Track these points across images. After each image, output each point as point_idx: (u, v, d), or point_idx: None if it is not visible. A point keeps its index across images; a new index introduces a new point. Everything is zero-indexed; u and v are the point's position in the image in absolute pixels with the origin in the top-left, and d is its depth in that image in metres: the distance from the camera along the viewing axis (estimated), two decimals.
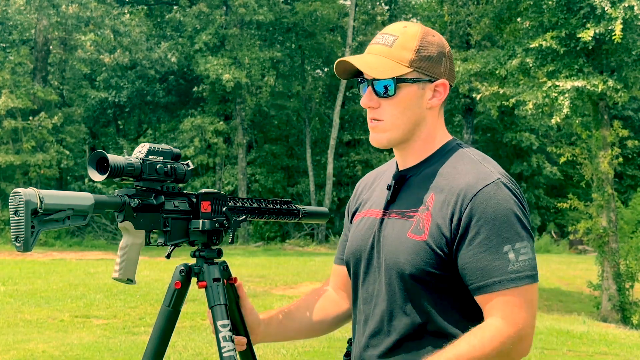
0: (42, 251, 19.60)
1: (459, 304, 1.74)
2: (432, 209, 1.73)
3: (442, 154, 1.82)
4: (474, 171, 1.74)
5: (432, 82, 1.79)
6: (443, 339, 1.71)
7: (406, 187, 1.83)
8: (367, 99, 1.81)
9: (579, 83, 13.86)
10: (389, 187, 1.85)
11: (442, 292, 1.73)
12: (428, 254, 1.71)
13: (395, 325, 1.77)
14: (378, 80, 1.78)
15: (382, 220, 1.83)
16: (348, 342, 1.99)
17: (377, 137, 1.83)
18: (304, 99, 29.56)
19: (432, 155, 1.82)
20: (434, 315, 1.73)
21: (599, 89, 13.86)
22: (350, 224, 2.02)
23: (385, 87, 1.78)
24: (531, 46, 14.11)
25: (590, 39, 13.50)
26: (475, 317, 1.72)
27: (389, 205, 1.84)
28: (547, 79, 14.18)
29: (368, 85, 1.80)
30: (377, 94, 1.79)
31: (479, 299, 1.69)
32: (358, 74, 1.85)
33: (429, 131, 1.82)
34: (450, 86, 1.83)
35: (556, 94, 13.93)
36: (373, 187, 1.98)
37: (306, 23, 28.44)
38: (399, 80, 1.77)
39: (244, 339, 2.06)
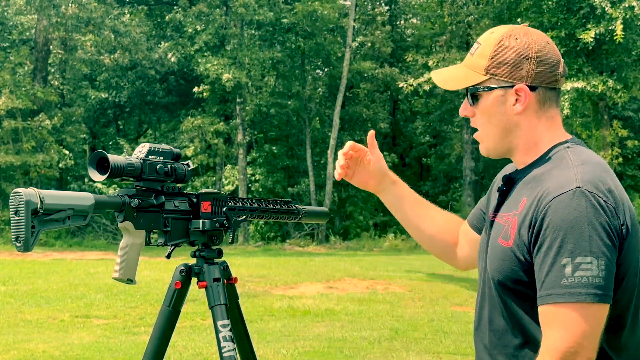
0: (42, 251, 19.59)
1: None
2: (519, 215, 1.71)
3: (545, 158, 1.77)
4: (560, 177, 1.67)
5: (512, 87, 1.74)
6: (529, 347, 1.70)
7: (512, 190, 1.81)
8: (462, 107, 1.84)
9: (579, 84, 13.87)
10: (498, 190, 1.85)
11: (528, 299, 1.69)
12: (514, 260, 1.68)
13: (495, 330, 1.77)
14: (468, 90, 1.80)
15: (492, 222, 1.84)
16: None
17: (480, 147, 1.86)
18: (304, 99, 29.56)
19: (537, 160, 1.78)
20: (526, 323, 1.70)
21: (599, 89, 13.86)
22: (483, 214, 2.02)
23: (471, 97, 1.80)
24: None
25: (591, 40, 13.50)
26: None
27: (498, 207, 1.83)
28: None
29: (465, 96, 1.83)
30: (470, 103, 1.82)
31: (538, 309, 1.66)
32: None
33: (527, 137, 1.78)
34: (551, 88, 1.76)
35: None
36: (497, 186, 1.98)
37: (306, 23, 28.43)
38: (474, 90, 1.78)
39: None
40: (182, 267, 2.23)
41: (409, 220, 2.13)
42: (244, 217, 2.31)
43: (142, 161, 2.07)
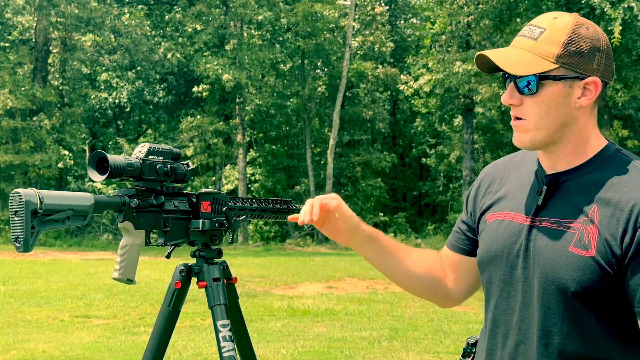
0: (42, 251, 19.59)
1: (619, 325, 1.64)
2: (597, 223, 1.60)
3: (602, 160, 1.67)
4: None
5: (582, 79, 1.63)
6: (599, 358, 1.64)
7: (559, 193, 1.68)
8: (508, 95, 1.68)
9: None
10: (539, 192, 1.70)
11: (602, 311, 1.62)
12: (595, 271, 1.59)
13: (550, 343, 1.66)
14: (521, 77, 1.65)
15: (530, 227, 1.69)
16: (470, 344, 1.92)
17: (519, 137, 1.69)
18: (304, 99, 29.56)
19: (590, 161, 1.67)
20: (593, 336, 1.63)
21: None
22: (476, 222, 1.88)
23: (528, 83, 1.64)
24: None
25: None
26: (635, 340, 1.64)
27: (538, 211, 1.69)
28: None
29: (511, 81, 1.68)
30: (519, 90, 1.66)
31: None
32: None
33: (580, 133, 1.67)
34: (606, 84, 1.69)
35: None
36: (507, 182, 1.83)
37: (306, 23, 28.43)
38: (542, 77, 1.63)
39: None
40: (182, 267, 2.23)
41: (392, 271, 1.96)
42: (244, 217, 2.31)
43: (141, 161, 2.07)
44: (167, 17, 29.29)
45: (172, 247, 2.19)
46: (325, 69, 31.52)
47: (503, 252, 1.74)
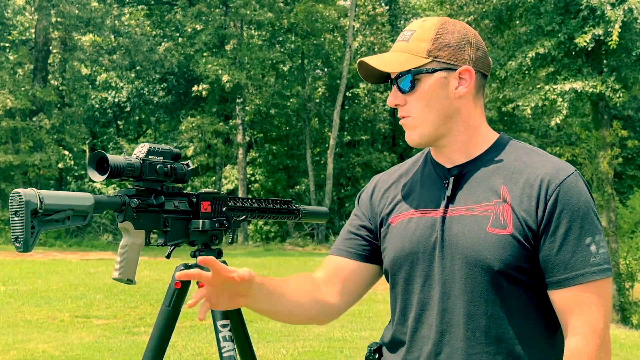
0: (42, 251, 19.59)
1: (541, 301, 1.68)
2: (510, 201, 1.66)
3: (500, 148, 1.75)
4: (550, 162, 1.69)
5: (455, 69, 1.71)
6: (526, 339, 1.66)
7: (465, 182, 1.73)
8: (392, 97, 1.76)
9: (577, 85, 13.87)
10: (445, 185, 1.74)
11: (527, 288, 1.67)
12: (515, 247, 1.63)
13: (477, 327, 1.67)
14: (400, 77, 1.73)
15: (443, 218, 1.72)
16: (372, 351, 1.87)
17: (409, 135, 1.76)
18: (304, 99, 29.56)
19: (488, 150, 1.75)
20: (519, 316, 1.67)
21: (597, 90, 13.87)
22: (378, 226, 1.86)
23: (409, 82, 1.72)
24: (529, 55, 14.12)
25: (586, 43, 13.51)
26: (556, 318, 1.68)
27: (448, 203, 1.73)
28: (543, 84, 14.20)
29: (393, 84, 1.76)
30: (400, 90, 1.74)
31: (555, 294, 1.64)
32: (387, 77, 1.79)
33: (467, 123, 1.74)
34: (484, 75, 1.77)
35: (555, 96, 13.95)
36: (403, 186, 1.85)
37: (306, 23, 28.44)
38: (417, 72, 1.71)
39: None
40: (182, 267, 2.23)
41: (281, 311, 1.81)
42: (244, 217, 2.31)
43: (141, 161, 2.07)
44: (167, 17, 29.28)
45: (172, 247, 2.19)
46: (325, 69, 31.52)
47: (419, 248, 1.75)
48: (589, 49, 14.14)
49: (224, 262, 2.28)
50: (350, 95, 31.05)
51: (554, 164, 1.69)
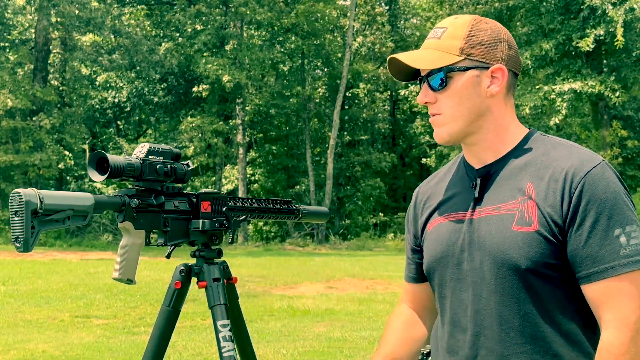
0: (42, 251, 19.59)
1: (576, 296, 1.65)
2: (535, 197, 1.64)
3: (529, 143, 1.73)
4: (576, 154, 1.66)
5: (488, 68, 1.70)
6: (562, 336, 1.64)
7: (492, 183, 1.72)
8: (422, 94, 1.75)
9: (577, 85, 13.88)
10: (473, 186, 1.74)
11: (560, 285, 1.64)
12: (542, 243, 1.62)
13: (511, 328, 1.66)
14: (431, 75, 1.72)
15: (471, 220, 1.72)
16: (424, 355, 1.92)
17: (438, 132, 1.75)
18: (304, 99, 29.55)
19: (515, 147, 1.73)
20: (552, 310, 1.64)
21: (597, 90, 13.88)
22: (420, 237, 1.89)
23: (440, 80, 1.71)
24: (529, 56, 14.13)
25: (589, 48, 13.53)
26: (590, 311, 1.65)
27: (475, 204, 1.73)
28: (542, 85, 14.22)
29: (424, 82, 1.75)
30: (431, 88, 1.73)
31: (587, 289, 1.61)
32: (416, 74, 1.79)
33: (497, 121, 1.73)
34: (515, 73, 1.75)
35: (554, 97, 13.96)
36: (440, 192, 1.86)
37: (306, 23, 28.44)
38: (449, 70, 1.70)
39: None
40: (182, 267, 2.23)
41: None
42: (244, 217, 2.31)
43: (142, 161, 2.07)
44: (167, 17, 29.28)
45: (172, 247, 2.19)
46: (325, 69, 31.52)
47: (448, 252, 1.76)
48: (589, 49, 14.15)
49: (224, 262, 2.28)
50: (350, 95, 31.04)
51: (579, 156, 1.66)
